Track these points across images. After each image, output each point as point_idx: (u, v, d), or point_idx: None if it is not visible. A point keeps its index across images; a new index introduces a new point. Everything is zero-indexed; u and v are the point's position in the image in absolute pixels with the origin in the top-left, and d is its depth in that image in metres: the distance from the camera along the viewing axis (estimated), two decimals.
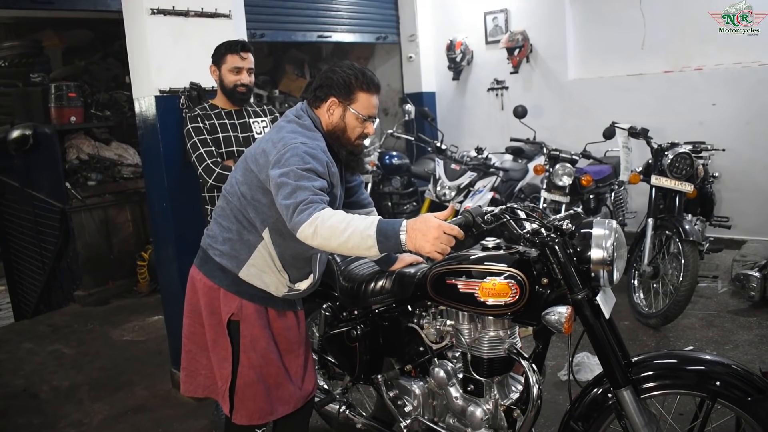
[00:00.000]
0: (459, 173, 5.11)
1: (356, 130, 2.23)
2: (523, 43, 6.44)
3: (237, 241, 2.22)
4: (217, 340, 2.27)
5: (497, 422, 2.22)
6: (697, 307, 4.38)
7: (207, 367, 2.36)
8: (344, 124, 2.21)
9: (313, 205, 1.92)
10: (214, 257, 2.25)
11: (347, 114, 2.20)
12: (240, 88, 3.11)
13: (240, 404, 2.27)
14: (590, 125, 5.32)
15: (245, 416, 2.27)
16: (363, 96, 2.19)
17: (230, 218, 2.23)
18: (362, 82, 2.18)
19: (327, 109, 2.21)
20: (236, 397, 2.27)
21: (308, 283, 2.31)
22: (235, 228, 2.22)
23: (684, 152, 4.12)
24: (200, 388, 2.41)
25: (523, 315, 2.10)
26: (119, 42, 5.47)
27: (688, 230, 3.96)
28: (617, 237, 2.00)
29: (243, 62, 3.09)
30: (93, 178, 5.93)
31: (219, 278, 2.25)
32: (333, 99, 2.19)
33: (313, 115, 2.22)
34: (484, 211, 2.09)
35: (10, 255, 6.89)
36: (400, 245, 1.88)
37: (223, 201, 2.28)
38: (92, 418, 3.58)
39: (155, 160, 3.50)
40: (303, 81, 7.23)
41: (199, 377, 2.40)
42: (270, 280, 2.24)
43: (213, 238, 2.28)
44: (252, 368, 2.25)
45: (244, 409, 2.27)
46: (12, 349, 4.80)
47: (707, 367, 1.93)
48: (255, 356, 2.24)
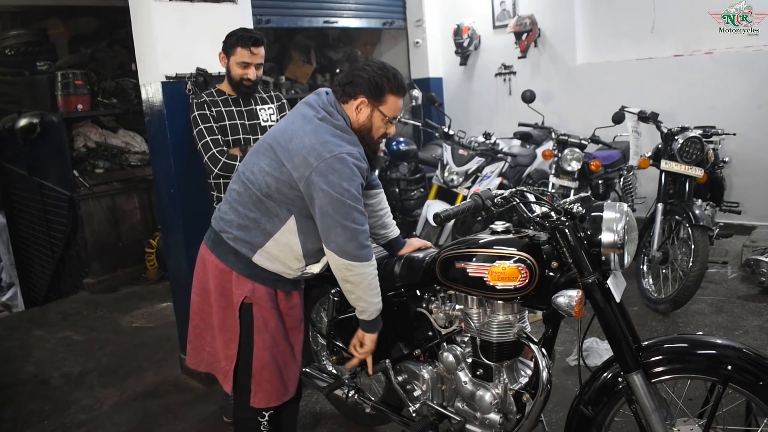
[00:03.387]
0: (467, 159, 5.07)
1: (380, 130, 2.25)
2: (531, 28, 6.38)
3: (253, 229, 2.21)
4: (226, 321, 2.28)
5: (506, 407, 2.22)
6: (706, 292, 4.35)
7: (211, 345, 2.38)
8: (371, 124, 2.22)
9: (367, 250, 2.16)
10: (227, 241, 2.25)
11: (375, 114, 2.20)
12: (246, 82, 3.08)
13: (258, 387, 2.28)
14: (599, 110, 5.26)
15: (264, 398, 2.28)
16: (392, 98, 2.20)
17: (248, 205, 2.21)
18: (393, 85, 2.18)
19: (356, 107, 2.19)
20: (253, 381, 2.27)
21: (320, 267, 2.32)
22: (253, 216, 2.21)
23: (694, 137, 4.08)
24: (203, 363, 2.43)
25: (533, 299, 2.09)
26: (125, 29, 5.47)
27: (698, 215, 3.93)
28: (628, 220, 1.98)
29: (252, 58, 3.04)
30: (100, 166, 5.95)
31: (232, 262, 2.24)
32: (363, 99, 2.18)
33: (343, 112, 2.21)
34: (493, 195, 2.07)
35: (20, 244, 6.94)
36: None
37: (241, 186, 2.25)
38: (102, 404, 3.61)
39: (162, 146, 3.49)
40: (309, 67, 7.20)
41: (203, 353, 2.42)
42: (284, 265, 2.25)
43: (228, 222, 2.26)
44: (266, 349, 2.26)
45: (262, 391, 2.28)
46: (23, 337, 4.83)
47: (718, 351, 1.91)
48: (267, 337, 2.26)
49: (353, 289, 2.21)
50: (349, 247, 2.11)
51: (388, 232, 2.55)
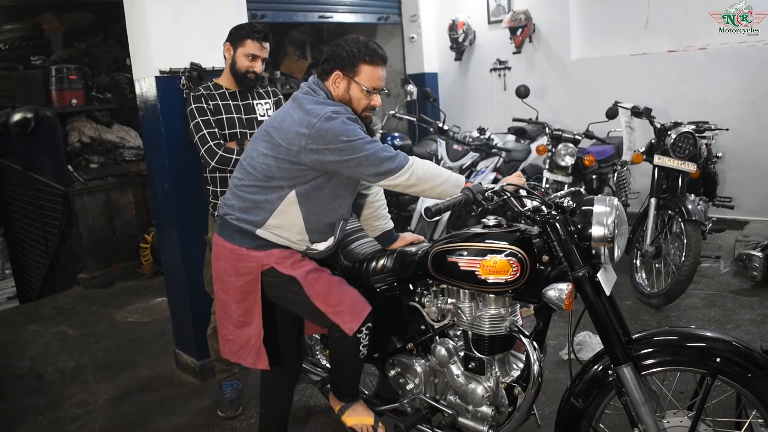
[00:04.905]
0: (461, 154, 5.09)
1: (362, 102, 2.28)
2: (526, 23, 6.38)
3: (254, 209, 2.27)
4: (247, 296, 2.32)
5: (498, 399, 2.23)
6: (699, 287, 4.38)
7: (233, 333, 2.41)
8: (349, 97, 2.27)
9: (398, 156, 2.17)
10: (231, 221, 2.31)
11: (352, 86, 2.26)
12: (250, 74, 3.08)
13: (340, 316, 2.26)
14: (593, 105, 5.28)
15: (354, 319, 2.26)
16: (367, 68, 2.24)
17: (249, 189, 2.28)
18: (365, 54, 2.23)
19: (333, 82, 2.26)
20: (334, 313, 2.26)
21: (326, 246, 2.37)
22: (254, 198, 2.26)
23: (687, 132, 4.10)
24: (230, 353, 2.45)
25: (524, 293, 2.11)
26: (119, 24, 5.44)
27: (691, 210, 3.95)
28: (618, 214, 1.99)
29: (261, 51, 3.04)
30: (95, 161, 5.95)
31: (239, 239, 2.30)
32: (337, 72, 2.25)
33: (325, 88, 2.27)
34: (484, 188, 2.08)
35: (14, 239, 6.93)
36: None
37: (243, 173, 2.31)
38: (97, 399, 3.62)
39: (156, 141, 3.49)
40: (304, 62, 7.20)
41: (228, 342, 2.45)
42: (288, 240, 2.30)
43: (231, 206, 2.33)
44: (317, 281, 2.28)
45: (346, 314, 2.26)
46: (17, 332, 4.83)
47: (708, 343, 1.92)
48: (304, 272, 2.28)
49: (423, 184, 2.21)
50: (383, 168, 2.15)
51: (383, 224, 2.57)
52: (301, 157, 2.15)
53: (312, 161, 2.16)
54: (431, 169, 2.22)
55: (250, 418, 3.21)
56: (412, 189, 2.21)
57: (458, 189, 2.16)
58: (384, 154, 2.14)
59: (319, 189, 2.25)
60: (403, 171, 2.16)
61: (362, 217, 2.60)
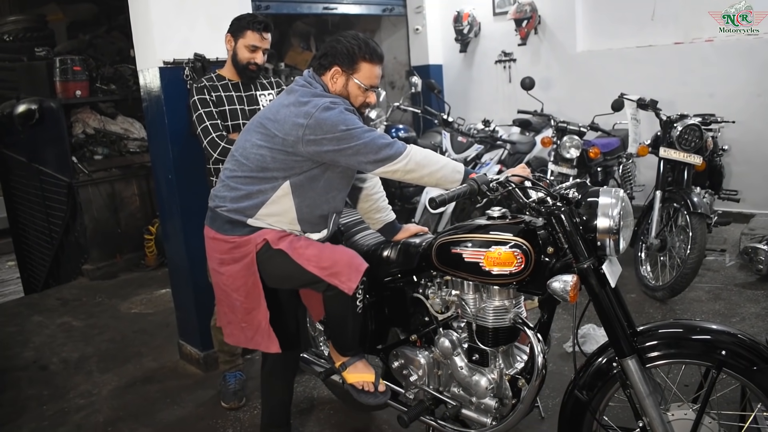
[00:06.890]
0: (466, 146, 5.07)
1: (358, 99, 2.29)
2: (531, 15, 6.35)
3: (246, 200, 2.26)
4: (247, 281, 2.31)
5: (502, 391, 2.23)
6: (704, 280, 4.36)
7: (245, 319, 2.40)
8: (347, 93, 2.27)
9: (394, 144, 2.16)
10: (222, 213, 2.30)
11: (350, 83, 2.26)
12: (252, 66, 3.07)
13: (336, 277, 2.23)
14: (599, 97, 5.24)
15: (351, 277, 2.22)
16: (366, 66, 2.25)
17: (241, 180, 2.26)
18: (365, 52, 2.23)
19: (331, 77, 2.26)
20: (330, 275, 2.23)
21: (318, 237, 2.36)
22: (246, 189, 2.25)
23: (693, 124, 4.07)
24: (246, 339, 2.45)
25: (529, 284, 2.10)
26: (123, 15, 5.45)
27: (696, 203, 3.93)
28: (624, 206, 1.98)
29: (262, 42, 3.04)
30: (99, 153, 5.95)
31: (230, 230, 2.29)
32: (336, 68, 2.24)
33: (321, 82, 2.27)
34: (489, 179, 2.07)
35: (19, 230, 6.94)
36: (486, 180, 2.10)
37: (234, 164, 2.30)
38: (101, 389, 3.63)
39: (160, 132, 3.48)
40: (309, 54, 7.18)
41: (243, 330, 2.44)
42: (279, 229, 2.28)
43: (222, 198, 2.31)
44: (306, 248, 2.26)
45: (342, 274, 2.23)
46: (22, 322, 4.85)
47: (713, 336, 1.91)
48: (290, 244, 2.27)
49: (421, 171, 2.19)
50: (381, 155, 2.14)
51: (384, 216, 2.56)
52: (298, 147, 2.14)
53: (309, 152, 2.15)
54: (429, 155, 2.22)
55: (253, 409, 3.21)
56: (411, 175, 2.20)
57: (457, 174, 2.18)
58: (382, 141, 2.14)
59: (313, 180, 2.24)
60: (402, 157, 2.15)
61: (362, 210, 2.60)
